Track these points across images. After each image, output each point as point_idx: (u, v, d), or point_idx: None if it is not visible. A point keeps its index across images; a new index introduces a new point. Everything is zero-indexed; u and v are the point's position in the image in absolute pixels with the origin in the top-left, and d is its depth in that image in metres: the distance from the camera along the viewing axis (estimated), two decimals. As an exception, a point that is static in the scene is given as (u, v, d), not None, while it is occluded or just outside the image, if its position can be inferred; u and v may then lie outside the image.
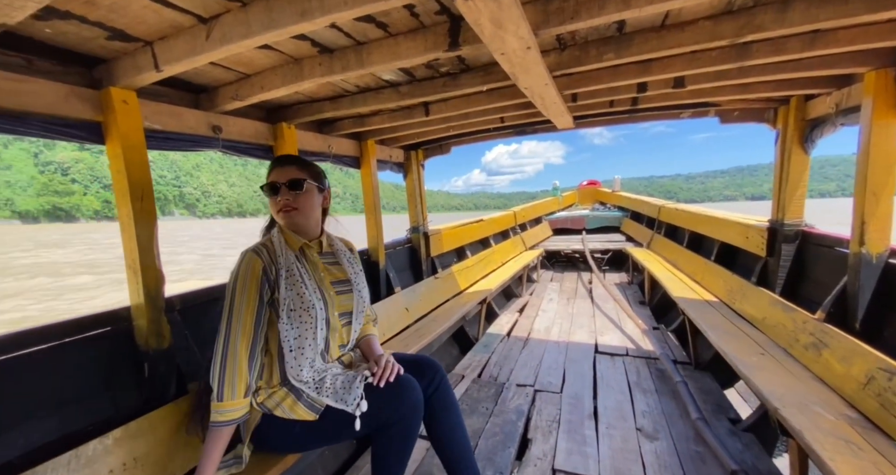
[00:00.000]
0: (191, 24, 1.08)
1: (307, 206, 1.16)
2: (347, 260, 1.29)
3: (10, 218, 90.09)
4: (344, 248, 1.31)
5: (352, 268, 1.28)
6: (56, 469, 0.95)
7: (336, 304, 1.19)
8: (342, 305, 1.21)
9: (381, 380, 1.10)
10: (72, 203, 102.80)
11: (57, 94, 1.15)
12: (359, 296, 1.26)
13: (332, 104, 1.81)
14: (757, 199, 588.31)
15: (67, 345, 1.18)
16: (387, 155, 2.75)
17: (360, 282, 1.28)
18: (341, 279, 1.25)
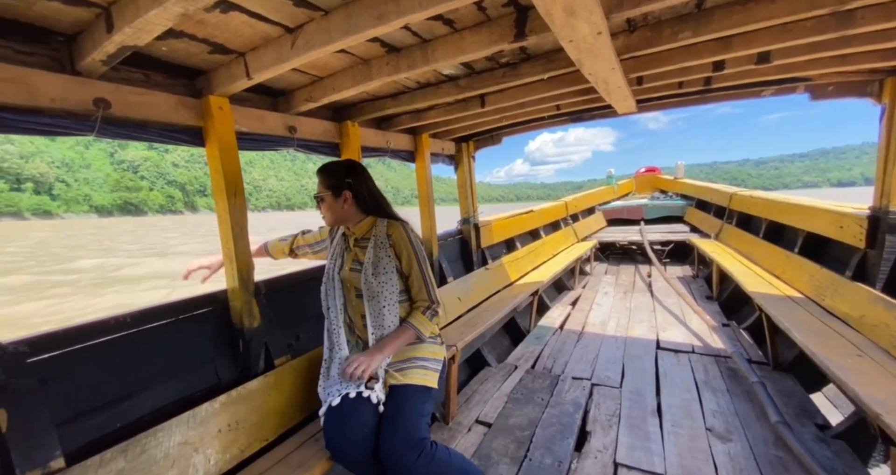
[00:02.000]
0: (278, 34, 1.21)
1: (328, 212, 1.41)
2: (378, 244, 1.37)
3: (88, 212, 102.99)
4: (383, 235, 1.39)
5: (375, 253, 1.36)
6: (179, 425, 1.15)
7: (348, 279, 1.40)
8: (353, 281, 1.38)
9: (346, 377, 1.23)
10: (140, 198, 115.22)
11: (169, 104, 1.34)
12: (366, 276, 1.34)
13: (393, 101, 1.90)
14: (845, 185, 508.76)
15: (180, 321, 1.40)
16: (439, 148, 2.82)
17: (378, 266, 1.34)
18: (359, 260, 1.40)
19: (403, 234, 1.37)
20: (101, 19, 1.00)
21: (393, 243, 1.36)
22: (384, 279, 1.34)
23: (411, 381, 1.29)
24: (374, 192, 1.41)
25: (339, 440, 1.19)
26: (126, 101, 1.22)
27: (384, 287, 1.33)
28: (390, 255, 1.35)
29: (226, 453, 1.23)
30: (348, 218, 1.40)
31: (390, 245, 1.36)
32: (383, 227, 1.39)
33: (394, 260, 1.35)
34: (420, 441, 1.16)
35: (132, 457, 1.03)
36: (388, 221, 1.41)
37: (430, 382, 1.32)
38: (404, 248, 1.36)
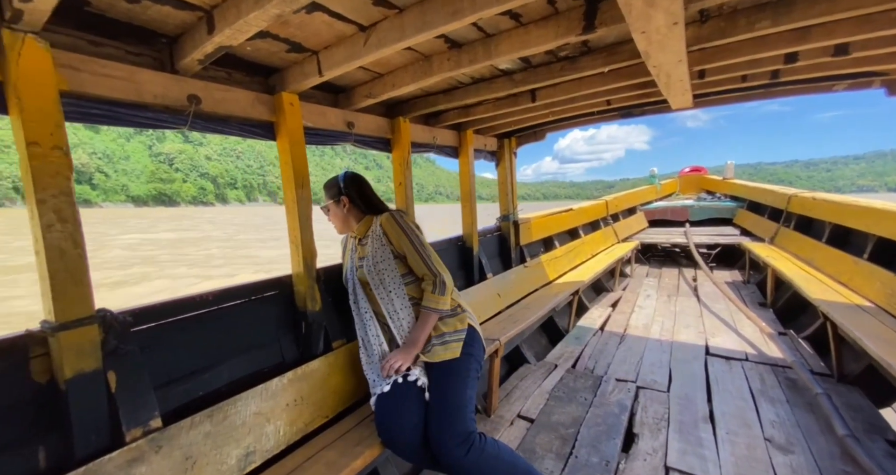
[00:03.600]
0: (352, 32, 1.30)
1: (334, 219, 1.59)
2: (375, 237, 1.48)
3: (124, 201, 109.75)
4: (377, 229, 1.48)
5: (372, 245, 1.47)
6: (254, 397, 1.27)
7: (361, 278, 1.52)
8: (363, 277, 1.50)
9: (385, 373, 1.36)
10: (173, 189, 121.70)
11: (247, 100, 1.47)
12: (369, 268, 1.45)
13: (445, 96, 1.97)
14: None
15: (252, 302, 1.54)
16: (482, 144, 2.88)
17: (376, 256, 1.44)
18: (363, 256, 1.51)
19: (391, 219, 1.46)
20: (202, 22, 1.12)
21: (384, 231, 1.47)
22: (383, 266, 1.44)
23: (440, 358, 1.36)
24: (367, 194, 1.56)
25: (390, 427, 1.28)
26: (213, 97, 1.36)
27: (385, 274, 1.44)
28: (384, 244, 1.46)
29: (292, 426, 1.35)
30: (351, 221, 1.55)
31: (383, 233, 1.47)
32: (377, 222, 1.50)
33: (388, 246, 1.45)
34: (468, 435, 1.22)
35: (216, 422, 1.17)
36: (381, 216, 1.50)
37: (452, 353, 1.37)
38: (393, 232, 1.45)
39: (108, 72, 1.12)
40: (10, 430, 0.97)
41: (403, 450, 1.27)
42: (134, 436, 1.07)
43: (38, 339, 1.01)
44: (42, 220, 0.97)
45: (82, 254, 1.03)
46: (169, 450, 1.06)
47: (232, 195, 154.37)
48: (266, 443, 1.26)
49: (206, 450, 1.12)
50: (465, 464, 1.18)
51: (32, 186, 0.96)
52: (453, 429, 1.21)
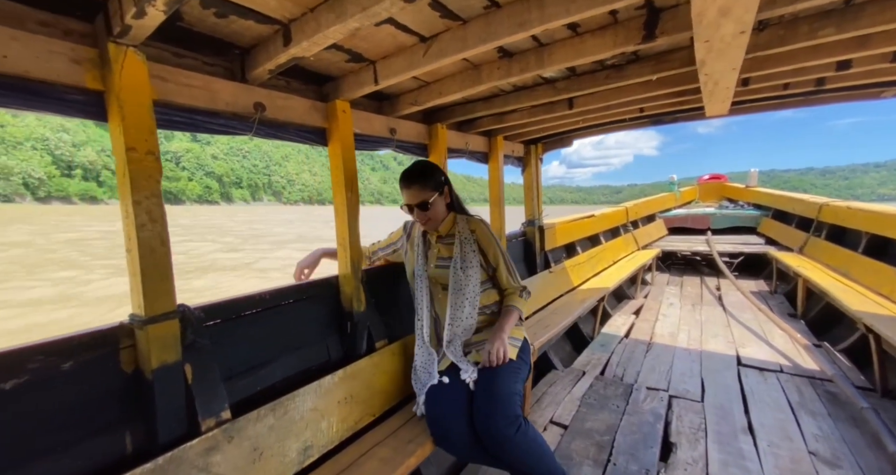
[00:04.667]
0: (412, 43, 1.38)
1: (436, 216, 1.51)
2: (463, 240, 1.52)
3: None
4: (466, 231, 1.54)
5: (461, 248, 1.51)
6: (309, 393, 1.34)
7: (433, 276, 1.55)
8: (439, 277, 1.54)
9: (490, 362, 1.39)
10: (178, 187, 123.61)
11: (304, 108, 1.56)
12: (455, 270, 1.49)
13: (485, 104, 2.05)
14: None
15: (302, 302, 1.62)
16: (510, 149, 2.96)
17: (465, 260, 1.49)
18: (445, 256, 1.55)
19: (486, 230, 1.53)
20: (279, 34, 1.21)
21: (477, 239, 1.51)
22: (471, 273, 1.49)
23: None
24: (455, 191, 1.57)
25: (441, 417, 1.35)
26: (275, 104, 1.45)
27: (470, 280, 1.48)
28: (475, 250, 1.50)
29: (344, 423, 1.42)
30: (442, 216, 1.52)
31: (474, 240, 1.51)
32: (464, 224, 1.53)
33: (478, 255, 1.50)
34: (517, 417, 1.29)
35: (279, 416, 1.24)
36: (466, 218, 1.55)
37: (513, 355, 1.45)
38: (489, 244, 1.52)
39: (189, 82, 1.21)
40: (102, 416, 1.05)
41: (453, 440, 1.33)
42: (208, 425, 1.15)
43: (127, 331, 1.10)
44: (136, 220, 1.05)
45: (168, 252, 1.12)
46: (239, 441, 1.13)
47: (237, 194, 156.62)
48: (322, 438, 1.33)
49: (271, 442, 1.20)
50: (513, 442, 1.25)
51: (129, 189, 1.05)
52: (505, 411, 1.28)
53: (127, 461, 1.06)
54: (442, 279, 1.53)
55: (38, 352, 0.96)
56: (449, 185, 1.54)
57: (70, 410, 1.00)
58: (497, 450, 1.28)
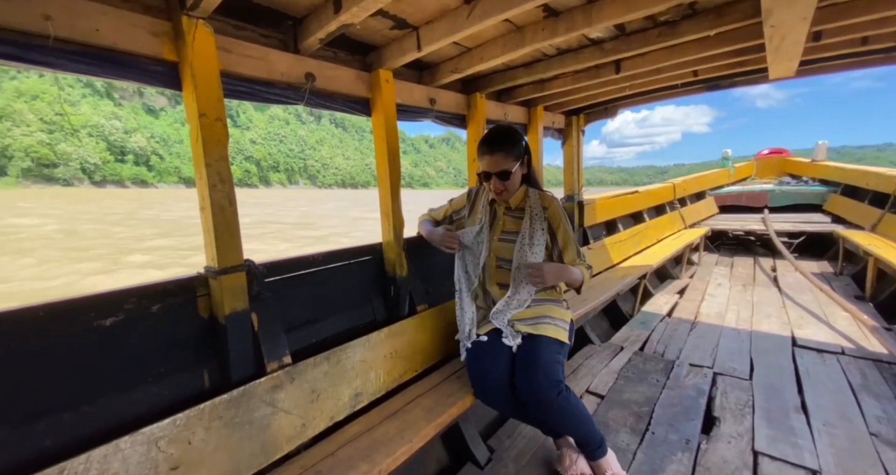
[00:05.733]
0: (457, 5, 1.38)
1: (513, 186, 1.48)
2: (534, 216, 1.50)
3: (177, 182, 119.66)
4: (538, 207, 1.52)
5: (531, 224, 1.50)
6: (359, 346, 1.47)
7: (494, 249, 1.55)
8: (501, 251, 1.53)
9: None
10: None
11: (350, 78, 1.63)
12: (521, 246, 1.49)
13: (526, 70, 2.02)
14: None
15: (350, 265, 1.74)
16: (550, 121, 2.90)
17: (533, 237, 1.47)
18: (511, 230, 1.54)
19: (559, 208, 1.49)
20: (329, 2, 1.27)
21: (549, 216, 1.48)
22: (536, 250, 1.47)
23: (544, 333, 1.46)
24: (533, 165, 1.53)
25: (482, 371, 1.42)
26: (324, 75, 1.53)
27: (535, 258, 1.47)
28: (544, 228, 1.47)
29: (390, 375, 1.55)
30: (516, 190, 1.49)
31: (545, 218, 1.48)
32: (537, 199, 1.50)
33: (546, 233, 1.47)
34: (560, 382, 1.34)
35: (332, 364, 1.37)
36: (539, 193, 1.52)
37: (562, 337, 1.48)
38: (560, 223, 1.49)
39: (248, 53, 1.31)
40: (184, 355, 1.22)
41: (493, 394, 1.41)
42: (272, 368, 1.30)
43: (202, 281, 1.26)
44: (209, 181, 1.18)
45: (235, 210, 1.25)
46: (300, 383, 1.28)
47: (274, 178, 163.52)
48: (370, 387, 1.47)
49: (326, 386, 1.34)
50: (556, 405, 1.30)
51: (202, 152, 1.17)
52: (548, 376, 1.33)
53: (205, 394, 1.23)
54: (503, 253, 1.52)
55: (132, 295, 1.13)
56: (529, 155, 1.48)
57: (157, 348, 1.17)
58: (538, 413, 1.35)
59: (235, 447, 1.07)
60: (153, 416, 1.02)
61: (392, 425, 1.31)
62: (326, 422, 1.30)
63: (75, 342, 1.02)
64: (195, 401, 1.06)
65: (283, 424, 1.19)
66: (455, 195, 1.79)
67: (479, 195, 1.67)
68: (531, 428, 1.68)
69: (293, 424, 1.21)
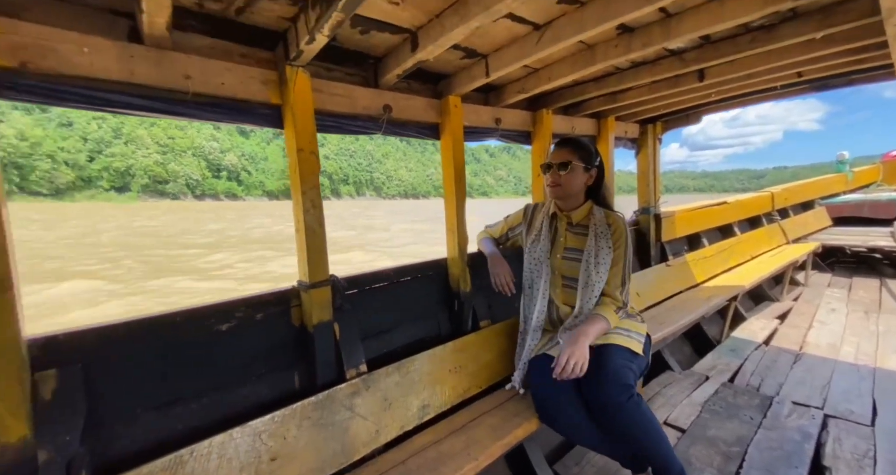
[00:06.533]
0: (526, 32, 1.44)
1: (569, 183, 1.47)
2: (598, 234, 1.47)
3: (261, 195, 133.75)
4: (603, 224, 1.49)
5: (595, 242, 1.46)
6: (425, 359, 1.54)
7: (557, 266, 1.53)
8: (565, 269, 1.50)
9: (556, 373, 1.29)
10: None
11: (422, 106, 1.76)
12: (587, 265, 1.45)
13: (596, 85, 2.00)
14: None
15: (417, 279, 1.84)
16: (622, 130, 2.81)
17: (598, 256, 1.44)
18: (575, 248, 1.50)
19: (624, 229, 1.45)
20: (406, 42, 1.41)
21: (617, 235, 1.45)
22: (602, 270, 1.44)
23: (613, 342, 1.40)
24: (605, 182, 1.53)
25: (544, 389, 1.40)
26: (399, 105, 1.68)
27: (602, 278, 1.43)
28: (610, 246, 1.44)
29: (455, 389, 1.61)
30: (576, 197, 1.51)
31: (613, 236, 1.45)
32: (601, 216, 1.48)
33: (612, 252, 1.44)
34: (629, 386, 1.27)
35: (402, 375, 1.47)
36: (605, 211, 1.50)
37: (634, 347, 1.41)
38: (621, 246, 1.45)
39: (336, 91, 1.50)
40: (279, 359, 1.41)
41: (557, 415, 1.37)
42: (351, 375, 1.44)
43: (296, 293, 1.44)
44: (303, 206, 1.37)
45: (324, 232, 1.42)
46: (374, 390, 1.39)
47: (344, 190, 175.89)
48: (437, 400, 1.54)
49: (397, 395, 1.44)
50: (625, 410, 1.23)
51: (299, 181, 1.36)
52: (617, 379, 1.27)
53: (296, 395, 1.40)
54: (567, 271, 1.50)
55: (242, 304, 1.33)
56: (601, 171, 1.51)
57: (260, 351, 1.37)
58: (606, 420, 1.28)
59: (321, 446, 1.21)
60: (256, 411, 1.19)
61: (458, 440, 1.37)
62: (397, 431, 1.40)
63: (201, 343, 1.24)
64: (288, 401, 1.22)
65: (359, 429, 1.31)
66: (517, 202, 1.84)
67: (538, 211, 1.69)
68: (602, 457, 1.62)
69: (368, 430, 1.33)
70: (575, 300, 1.50)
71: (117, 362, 1.08)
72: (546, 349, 1.53)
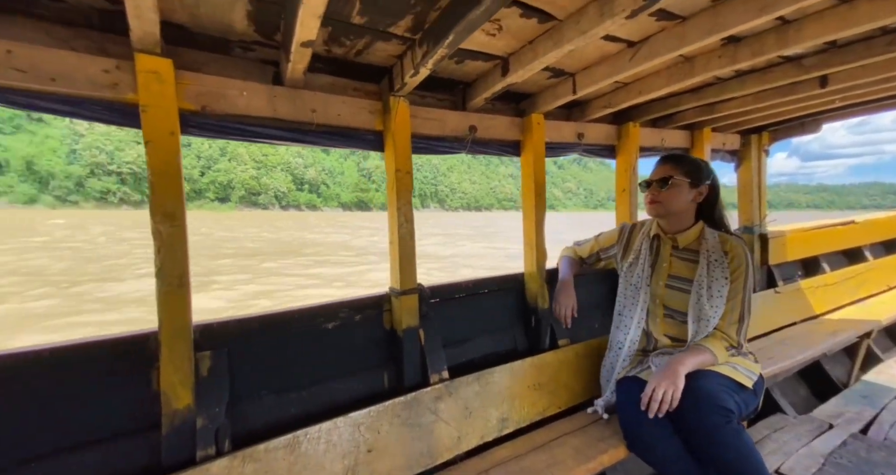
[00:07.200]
0: (618, 50, 1.44)
1: (669, 200, 1.39)
2: (712, 262, 1.34)
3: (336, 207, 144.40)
4: (717, 250, 1.35)
5: (708, 271, 1.33)
6: (504, 372, 1.57)
7: (658, 295, 1.43)
8: (668, 299, 1.39)
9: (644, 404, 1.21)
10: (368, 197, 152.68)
11: (505, 125, 1.85)
12: (699, 297, 1.32)
13: (694, 96, 1.92)
14: None
15: (493, 293, 1.89)
16: (720, 142, 2.61)
17: (712, 287, 1.30)
18: (681, 276, 1.39)
19: (745, 257, 1.31)
20: (497, 68, 1.51)
21: (735, 264, 1.31)
22: (718, 303, 1.30)
23: (714, 369, 1.29)
24: (718, 199, 1.40)
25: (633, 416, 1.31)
26: (483, 125, 1.78)
27: (717, 312, 1.30)
28: (727, 277, 1.30)
29: (534, 406, 1.61)
30: (681, 217, 1.41)
31: (731, 264, 1.31)
32: (716, 241, 1.36)
33: (728, 283, 1.30)
34: (727, 410, 1.15)
35: (482, 385, 1.52)
36: (719, 235, 1.38)
37: (740, 379, 1.28)
38: (741, 275, 1.30)
39: (429, 116, 1.65)
40: (370, 358, 1.55)
41: (647, 441, 1.29)
42: (434, 380, 1.53)
43: (387, 299, 1.59)
44: (398, 221, 1.52)
45: (414, 244, 1.56)
46: (456, 398, 1.46)
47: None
48: (516, 415, 1.56)
49: (477, 405, 1.49)
50: (723, 434, 1.13)
51: (395, 198, 1.52)
52: (714, 401, 1.17)
53: (385, 393, 1.53)
54: (671, 301, 1.40)
55: (345, 306, 1.51)
56: (714, 189, 1.39)
57: (357, 349, 1.52)
58: (701, 446, 1.18)
59: (409, 444, 1.31)
60: (351, 404, 1.33)
61: (540, 458, 1.38)
62: (477, 441, 1.45)
63: (311, 338, 1.42)
64: (379, 399, 1.34)
65: (443, 433, 1.39)
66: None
67: (636, 231, 1.63)
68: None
69: (451, 435, 1.40)
70: (676, 332, 1.41)
71: (251, 350, 1.29)
72: (636, 372, 1.48)
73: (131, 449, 1.08)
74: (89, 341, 1.06)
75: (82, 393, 1.05)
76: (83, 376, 1.05)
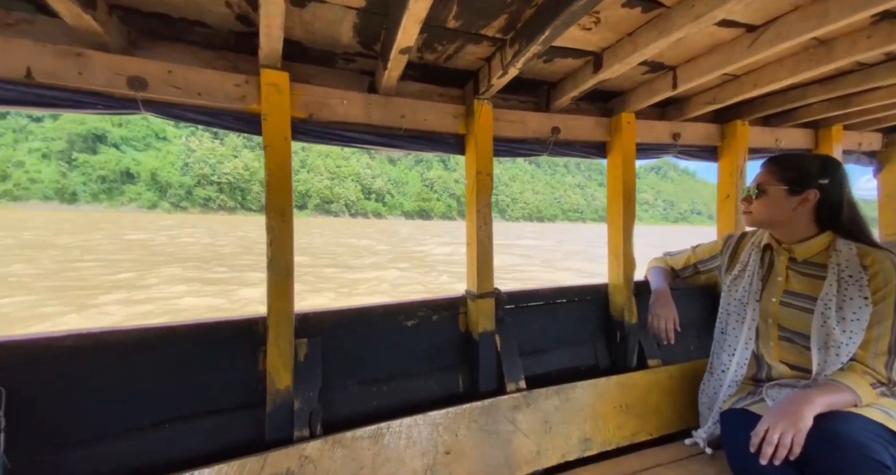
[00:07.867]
0: (733, 36, 1.29)
1: (760, 210, 1.26)
2: (845, 278, 1.13)
3: (399, 215, 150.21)
4: (854, 264, 1.13)
5: (839, 289, 1.12)
6: (586, 388, 1.47)
7: (771, 313, 1.25)
8: (784, 319, 1.21)
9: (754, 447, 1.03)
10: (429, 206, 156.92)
11: (589, 125, 1.77)
12: (823, 321, 1.12)
13: (823, 87, 1.67)
14: None
15: (572, 303, 1.80)
16: (853, 142, 2.25)
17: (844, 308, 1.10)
18: (801, 293, 1.19)
19: (894, 273, 1.08)
20: (588, 65, 1.46)
21: (870, 281, 1.11)
22: (852, 327, 1.09)
23: (859, 412, 1.06)
24: (852, 204, 1.19)
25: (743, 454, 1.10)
26: (566, 126, 1.73)
27: (851, 339, 1.10)
28: (867, 297, 1.10)
29: (620, 430, 1.49)
30: (792, 227, 1.24)
31: (866, 282, 1.11)
32: (852, 254, 1.15)
33: (870, 305, 1.10)
34: (883, 466, 0.93)
35: (562, 400, 1.44)
36: (858, 247, 1.16)
37: (891, 425, 1.03)
38: (888, 295, 1.08)
39: (511, 118, 1.64)
40: (446, 359, 1.56)
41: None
42: (511, 388, 1.49)
43: (464, 302, 1.59)
44: (476, 223, 1.52)
45: (491, 247, 1.55)
46: (534, 410, 1.40)
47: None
48: (600, 436, 1.46)
49: (557, 421, 1.42)
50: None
51: (475, 200, 1.53)
52: (864, 451, 0.95)
53: (459, 396, 1.52)
54: (788, 321, 1.22)
55: (423, 305, 1.54)
56: (834, 192, 1.18)
57: (432, 349, 1.54)
58: None
59: (486, 452, 1.28)
60: (428, 404, 1.35)
61: (630, 487, 1.27)
62: (558, 458, 1.37)
63: (391, 335, 1.48)
64: (453, 401, 1.34)
65: (521, 445, 1.34)
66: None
67: (744, 241, 1.47)
68: None
69: (530, 448, 1.34)
70: (796, 359, 1.22)
71: (340, 341, 1.38)
72: (746, 404, 1.30)
73: (239, 423, 1.20)
74: (210, 322, 1.21)
75: (204, 366, 1.20)
76: (204, 351, 1.20)
